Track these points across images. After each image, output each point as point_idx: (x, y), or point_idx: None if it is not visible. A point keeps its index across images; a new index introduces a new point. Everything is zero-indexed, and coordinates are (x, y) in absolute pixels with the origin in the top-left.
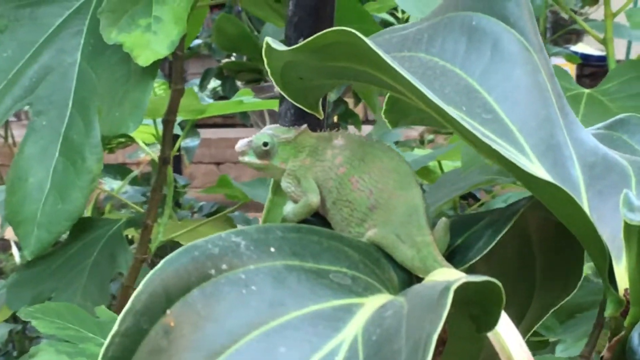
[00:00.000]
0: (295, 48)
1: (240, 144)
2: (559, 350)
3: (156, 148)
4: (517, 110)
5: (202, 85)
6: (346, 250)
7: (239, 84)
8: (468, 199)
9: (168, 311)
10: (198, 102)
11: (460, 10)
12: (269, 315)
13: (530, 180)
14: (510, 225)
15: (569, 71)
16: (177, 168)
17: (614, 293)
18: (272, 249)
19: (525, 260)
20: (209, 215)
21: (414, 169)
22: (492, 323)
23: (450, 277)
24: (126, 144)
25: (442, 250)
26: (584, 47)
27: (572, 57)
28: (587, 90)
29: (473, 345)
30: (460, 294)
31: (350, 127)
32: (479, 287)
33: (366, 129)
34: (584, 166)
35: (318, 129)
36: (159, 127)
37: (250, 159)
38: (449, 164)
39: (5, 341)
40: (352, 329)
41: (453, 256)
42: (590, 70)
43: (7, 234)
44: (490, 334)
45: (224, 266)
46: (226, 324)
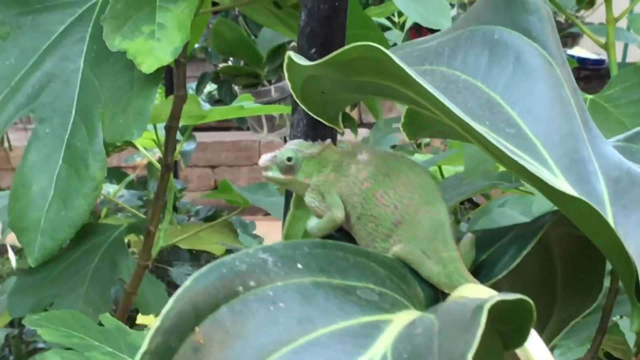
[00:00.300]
0: (319, 63)
1: (263, 159)
2: (556, 355)
3: (151, 152)
4: (540, 125)
5: (199, 89)
6: (372, 265)
7: (235, 88)
8: (464, 202)
9: (197, 329)
10: (199, 108)
11: (482, 23)
12: (298, 332)
13: (556, 195)
14: (537, 240)
15: None
16: (174, 172)
17: None
18: (300, 265)
19: (546, 275)
20: (206, 219)
21: None
22: (521, 339)
23: (479, 294)
24: (122, 148)
25: (468, 265)
26: (580, 51)
27: (568, 60)
28: (589, 96)
29: None
30: (491, 311)
31: (346, 129)
32: (510, 305)
33: (361, 132)
34: (608, 180)
35: (331, 138)
36: (159, 132)
37: (274, 174)
38: (450, 169)
39: (1, 346)
40: (381, 346)
41: (478, 271)
42: (585, 74)
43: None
44: (518, 351)
45: (252, 283)
46: (255, 341)
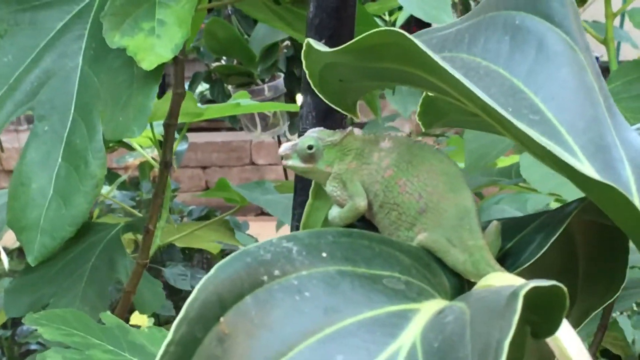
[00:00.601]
0: (339, 49)
1: (283, 148)
2: None
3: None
4: (564, 111)
5: (191, 89)
6: (397, 254)
7: (229, 87)
8: None
9: (222, 319)
10: (196, 106)
11: (502, 9)
12: (324, 322)
13: (584, 181)
14: (563, 228)
15: None
16: None
17: None
18: (324, 254)
19: (568, 265)
20: (199, 219)
21: None
22: (553, 329)
23: (507, 282)
24: (113, 149)
25: (494, 254)
26: None
27: None
28: None
29: (516, 353)
30: (523, 298)
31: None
32: (543, 292)
33: None
34: (635, 167)
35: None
36: (156, 131)
37: (294, 162)
38: None
39: None
40: (410, 336)
41: (504, 260)
42: None
43: None
44: (548, 339)
45: (277, 272)
46: (281, 331)
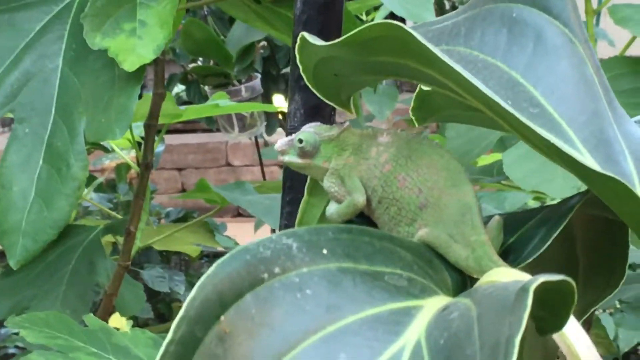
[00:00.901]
0: (335, 43)
1: (280, 143)
2: None
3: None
4: (564, 104)
5: (168, 90)
6: (398, 251)
7: (205, 88)
8: None
9: (222, 317)
10: (175, 107)
11: (499, 2)
12: (326, 320)
13: (588, 174)
14: (565, 223)
15: None
16: None
17: None
18: (325, 251)
19: (568, 260)
20: (176, 221)
21: None
22: (559, 324)
23: (512, 278)
24: (90, 151)
25: (496, 249)
26: None
27: None
28: None
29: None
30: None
31: None
32: (551, 287)
33: None
34: (637, 160)
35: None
36: (135, 132)
37: (290, 158)
38: None
39: None
40: (414, 333)
41: (506, 255)
42: None
43: None
44: (555, 335)
45: (277, 270)
46: (282, 330)
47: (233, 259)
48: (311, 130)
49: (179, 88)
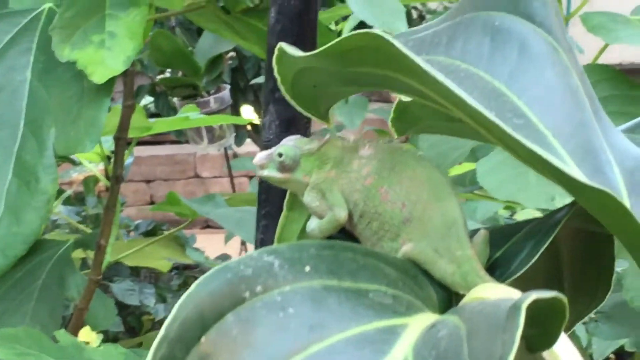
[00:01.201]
0: (314, 54)
1: (259, 157)
2: None
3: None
4: (550, 115)
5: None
6: (382, 267)
7: (174, 100)
8: None
9: (203, 338)
10: (145, 119)
11: (481, 10)
12: (310, 339)
13: (574, 186)
14: (553, 236)
15: None
16: None
17: None
18: (308, 268)
19: (553, 274)
20: (146, 234)
21: None
22: (550, 341)
23: (501, 294)
24: (57, 164)
25: (483, 264)
26: None
27: None
28: None
29: None
30: None
31: None
32: (543, 304)
33: None
34: (624, 171)
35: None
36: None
37: (270, 172)
38: None
39: None
40: (401, 352)
41: (493, 270)
42: None
43: None
44: (545, 352)
45: (259, 288)
46: (265, 350)
47: (214, 278)
48: (291, 144)
49: (147, 100)
